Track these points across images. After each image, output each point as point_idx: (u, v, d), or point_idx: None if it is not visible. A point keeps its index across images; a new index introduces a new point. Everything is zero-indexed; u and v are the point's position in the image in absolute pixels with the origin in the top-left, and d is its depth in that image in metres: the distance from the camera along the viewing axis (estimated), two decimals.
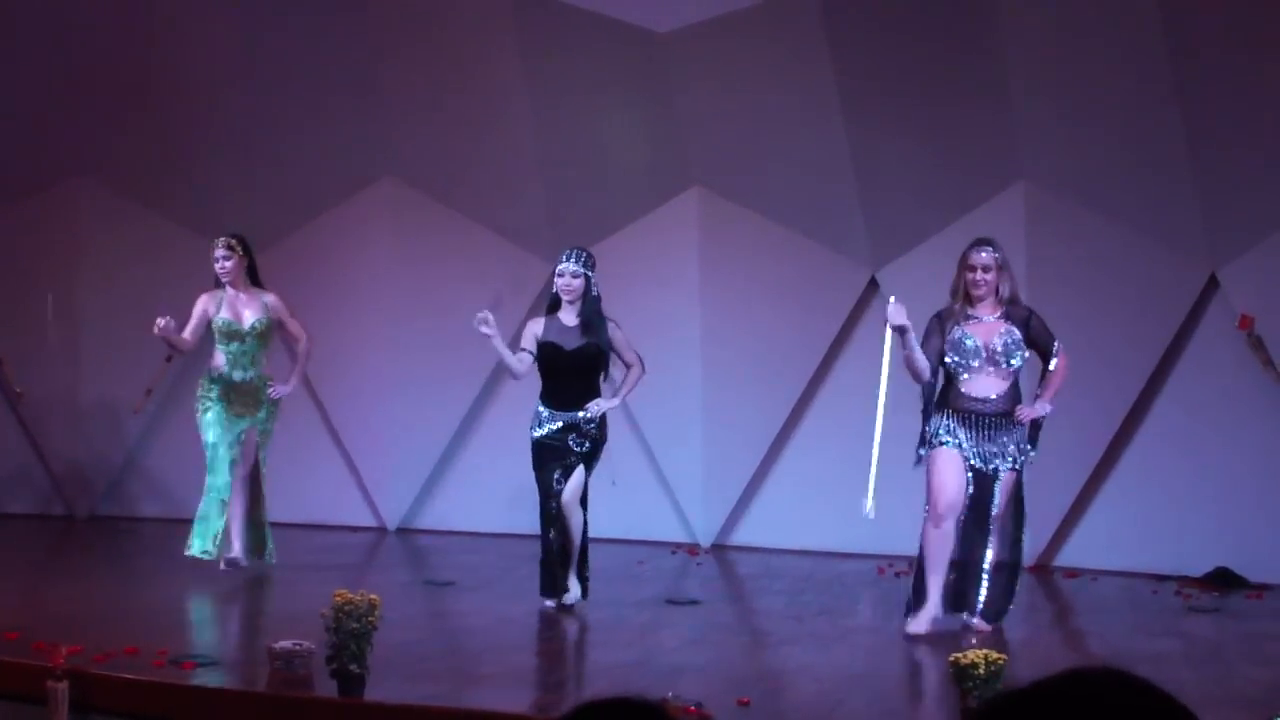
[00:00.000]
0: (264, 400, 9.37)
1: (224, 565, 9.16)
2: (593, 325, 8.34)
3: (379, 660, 6.15)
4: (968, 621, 7.80)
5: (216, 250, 9.39)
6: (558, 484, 8.25)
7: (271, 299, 9.46)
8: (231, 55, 11.12)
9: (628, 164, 11.03)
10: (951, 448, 7.69)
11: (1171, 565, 10.02)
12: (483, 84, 10.89)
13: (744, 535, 11.15)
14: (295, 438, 11.42)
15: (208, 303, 9.36)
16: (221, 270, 9.36)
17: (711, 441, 10.97)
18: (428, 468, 11.68)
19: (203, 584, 8.96)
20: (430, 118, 11.15)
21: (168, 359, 10.58)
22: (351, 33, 10.91)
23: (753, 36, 10.14)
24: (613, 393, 8.68)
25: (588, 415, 8.29)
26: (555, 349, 8.33)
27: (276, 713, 6.20)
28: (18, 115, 11.37)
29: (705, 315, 10.93)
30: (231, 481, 9.22)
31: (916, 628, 7.67)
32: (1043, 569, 10.27)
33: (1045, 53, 9.75)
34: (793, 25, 9.98)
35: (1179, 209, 9.80)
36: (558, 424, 8.30)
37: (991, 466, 7.72)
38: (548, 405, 8.35)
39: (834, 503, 10.88)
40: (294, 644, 6.46)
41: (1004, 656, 5.77)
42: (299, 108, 11.17)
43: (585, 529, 8.41)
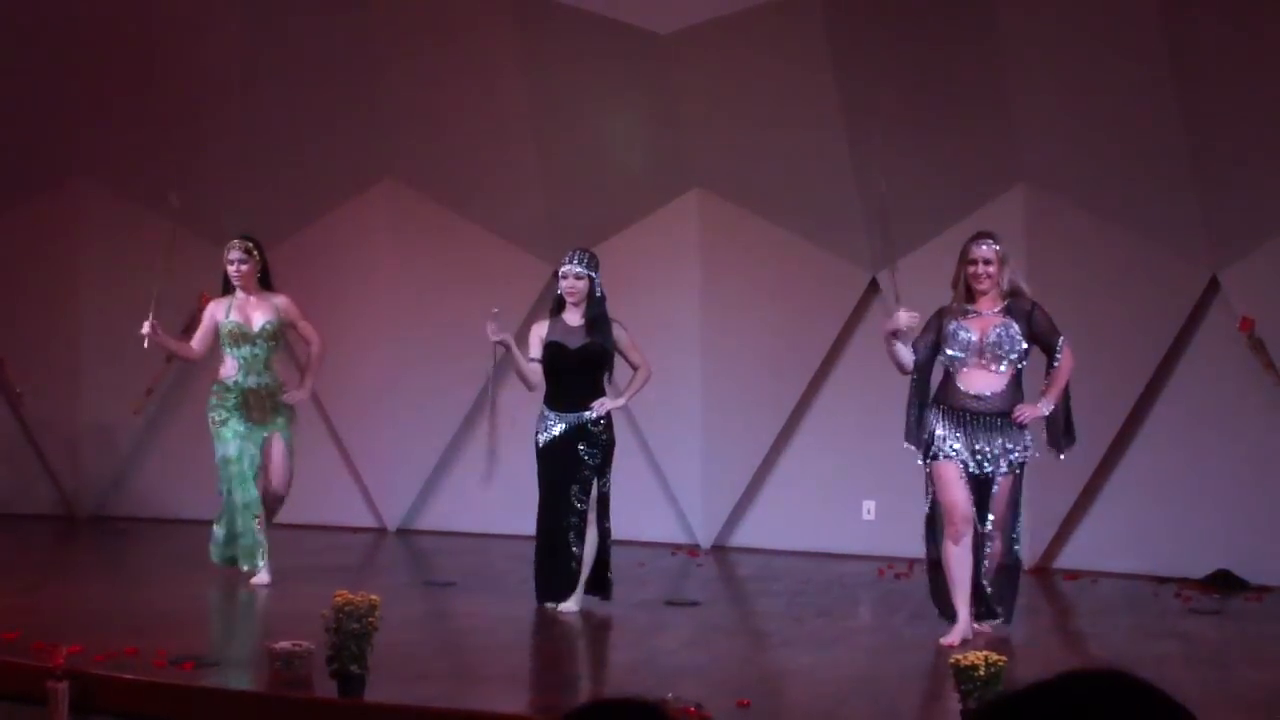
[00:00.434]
0: (280, 406, 9.07)
1: (253, 582, 8.93)
2: (598, 326, 8.31)
3: (379, 661, 6.15)
4: (979, 628, 7.71)
5: (232, 253, 9.08)
6: (580, 502, 8.18)
7: (282, 301, 9.16)
8: (232, 57, 11.12)
9: (628, 166, 11.03)
10: (949, 458, 7.56)
11: (1172, 567, 10.02)
12: (483, 86, 10.89)
13: (744, 536, 11.15)
14: (295, 438, 11.44)
15: (216, 309, 9.12)
16: (235, 274, 9.06)
17: (711, 443, 10.98)
18: (428, 468, 11.68)
19: (203, 585, 8.96)
20: (431, 119, 11.15)
21: (168, 359, 10.58)
22: (352, 35, 10.91)
23: (754, 39, 10.14)
24: (617, 394, 8.64)
25: (593, 415, 8.25)
26: (559, 348, 8.29)
27: (276, 713, 6.20)
28: (18, 116, 11.37)
29: (705, 317, 10.93)
30: (258, 495, 8.94)
31: (951, 639, 7.56)
32: (1043, 571, 10.27)
33: (1045, 54, 9.75)
34: (794, 28, 9.98)
35: (1180, 211, 9.80)
36: (563, 426, 8.25)
37: (986, 470, 7.56)
38: (552, 407, 8.31)
39: (834, 504, 10.91)
40: (294, 644, 6.46)
41: (1004, 658, 5.76)
42: (299, 109, 11.17)
43: (609, 535, 8.36)
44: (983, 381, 7.57)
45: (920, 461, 7.76)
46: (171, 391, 11.81)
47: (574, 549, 8.21)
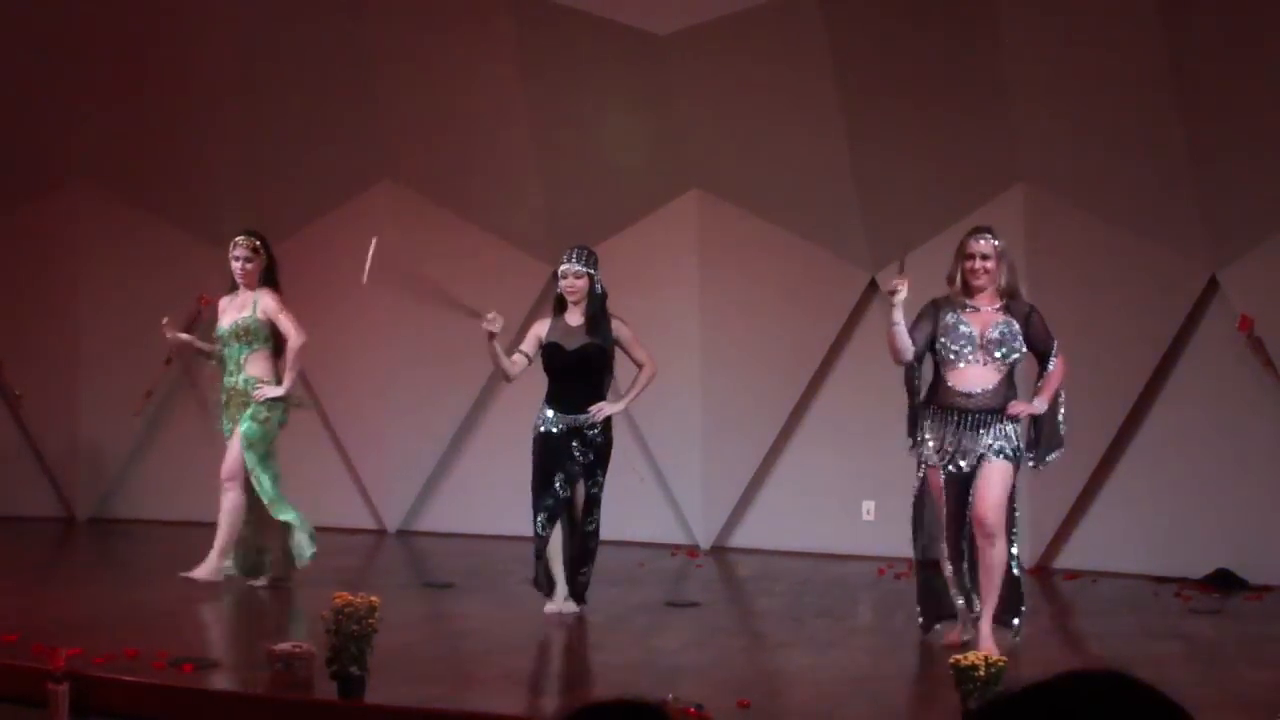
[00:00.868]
0: (250, 403, 8.87)
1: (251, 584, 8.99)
2: (598, 324, 8.22)
3: (379, 662, 6.15)
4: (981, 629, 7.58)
5: (237, 250, 8.85)
6: (562, 489, 8.14)
7: (265, 296, 8.88)
8: (231, 59, 11.13)
9: (627, 166, 11.03)
10: (935, 466, 7.37)
11: (1172, 567, 10.02)
12: (482, 87, 10.89)
13: (744, 537, 11.15)
14: (295, 440, 11.41)
15: (220, 304, 9.08)
16: (240, 271, 8.85)
17: (711, 443, 10.98)
18: (427, 470, 11.68)
19: (202, 586, 8.95)
20: (430, 121, 11.15)
21: (167, 361, 10.58)
22: (351, 36, 10.92)
23: (753, 39, 10.14)
24: (619, 397, 8.52)
25: (590, 419, 8.18)
26: (557, 349, 8.23)
27: (276, 715, 6.20)
28: (18, 118, 11.37)
29: (705, 317, 10.93)
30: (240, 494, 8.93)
31: (952, 638, 7.49)
32: (1043, 571, 10.26)
33: (1045, 54, 9.75)
34: (793, 28, 9.98)
35: (1179, 210, 9.80)
36: (561, 425, 8.21)
37: (968, 464, 7.28)
38: (553, 407, 8.26)
39: (834, 505, 10.91)
40: (294, 646, 6.45)
41: (1004, 658, 5.77)
42: (299, 110, 11.17)
43: (596, 538, 8.29)
44: (976, 378, 7.32)
45: (912, 457, 7.64)
46: (171, 393, 11.81)
47: (543, 533, 8.17)
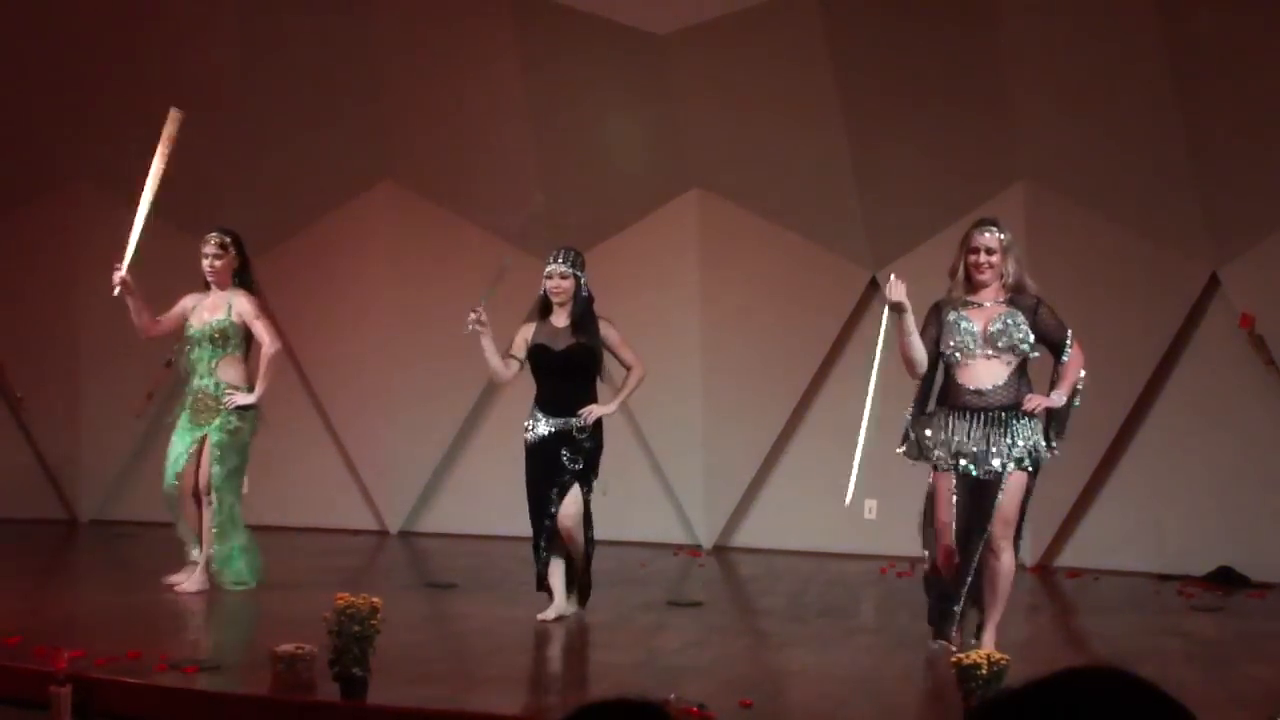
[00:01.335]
0: (221, 409, 8.64)
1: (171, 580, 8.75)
2: (584, 326, 8.11)
3: (381, 663, 6.15)
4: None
5: (206, 247, 8.66)
6: (553, 505, 8.06)
7: (240, 299, 8.68)
8: (231, 60, 11.13)
9: (628, 166, 11.04)
10: (945, 470, 7.13)
11: (1173, 565, 10.03)
12: (483, 87, 10.90)
13: (746, 536, 11.16)
14: (296, 441, 11.45)
15: (189, 300, 8.80)
16: (209, 269, 8.65)
17: (712, 443, 10.98)
18: (429, 470, 11.69)
19: (203, 588, 8.95)
20: (430, 121, 11.16)
21: (167, 364, 10.56)
22: (351, 37, 10.92)
23: (753, 38, 10.14)
24: (612, 397, 8.44)
25: (579, 422, 8.07)
26: (543, 350, 8.13)
27: (279, 716, 6.20)
28: (18, 121, 11.38)
29: (705, 317, 10.93)
30: (176, 490, 8.71)
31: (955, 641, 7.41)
32: (1045, 569, 10.27)
33: (1044, 53, 9.75)
34: (792, 27, 9.98)
35: (1179, 209, 9.81)
36: (550, 429, 8.11)
37: (989, 471, 7.04)
38: (541, 410, 8.18)
39: (835, 504, 10.86)
40: (296, 647, 6.45)
41: (1006, 657, 5.76)
42: (299, 111, 11.18)
43: (591, 543, 8.23)
44: (985, 374, 7.06)
45: (899, 453, 7.40)
46: (172, 395, 11.79)
47: (542, 552, 8.15)
